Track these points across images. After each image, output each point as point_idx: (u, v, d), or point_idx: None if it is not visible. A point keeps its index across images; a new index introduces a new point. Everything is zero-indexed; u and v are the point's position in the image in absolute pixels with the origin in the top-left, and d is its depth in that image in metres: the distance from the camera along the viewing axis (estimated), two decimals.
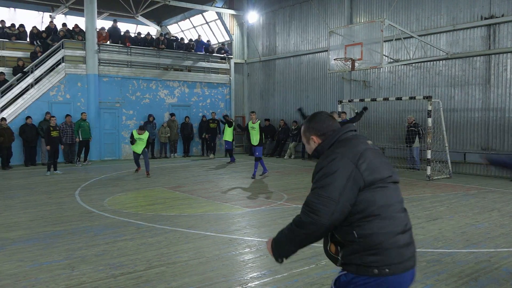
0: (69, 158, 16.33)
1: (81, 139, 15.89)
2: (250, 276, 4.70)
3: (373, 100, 14.01)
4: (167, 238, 6.17)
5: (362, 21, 16.05)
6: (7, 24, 17.76)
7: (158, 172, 13.71)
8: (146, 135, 12.97)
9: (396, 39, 13.52)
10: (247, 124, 12.83)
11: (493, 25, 12.84)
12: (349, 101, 14.89)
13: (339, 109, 14.56)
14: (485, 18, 12.95)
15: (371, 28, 13.19)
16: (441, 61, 14.00)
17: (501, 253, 5.43)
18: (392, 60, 13.91)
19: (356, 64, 13.20)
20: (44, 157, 15.87)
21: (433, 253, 5.43)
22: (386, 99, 13.54)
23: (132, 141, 12.94)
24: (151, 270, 4.86)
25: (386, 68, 15.06)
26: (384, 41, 12.60)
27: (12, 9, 21.67)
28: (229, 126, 16.65)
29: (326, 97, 18.02)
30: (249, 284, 4.46)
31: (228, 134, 16.64)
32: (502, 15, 12.60)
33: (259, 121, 12.68)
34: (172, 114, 18.90)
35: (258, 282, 4.52)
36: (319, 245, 5.58)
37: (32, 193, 10.02)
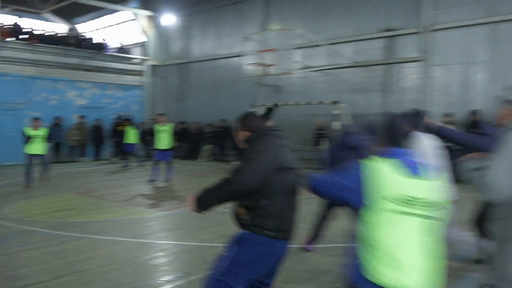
0: None
1: None
2: (164, 279, 4.62)
3: (285, 104, 14.46)
4: (76, 245, 5.85)
5: (275, 28, 16.51)
6: None
7: (66, 177, 12.94)
8: (43, 130, 10.78)
9: (306, 47, 14.09)
10: (154, 127, 11.97)
11: (391, 37, 13.91)
12: (262, 105, 15.22)
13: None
14: (385, 31, 13.99)
15: (284, 35, 13.64)
16: (346, 69, 14.85)
17: None
18: (303, 67, 14.48)
19: (269, 70, 13.54)
20: None
21: (340, 247, 5.73)
22: (297, 103, 14.05)
23: (27, 140, 10.53)
24: (57, 280, 4.57)
25: (297, 73, 15.62)
26: (296, 48, 13.08)
27: None
28: (134, 128, 15.67)
29: (240, 101, 18.22)
30: (163, 287, 4.39)
31: (132, 137, 15.68)
32: (399, 28, 13.70)
33: (171, 124, 12.04)
34: (81, 116, 17.96)
35: (171, 285, 4.46)
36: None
37: None
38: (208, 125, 18.51)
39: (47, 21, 22.68)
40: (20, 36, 17.68)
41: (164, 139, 11.55)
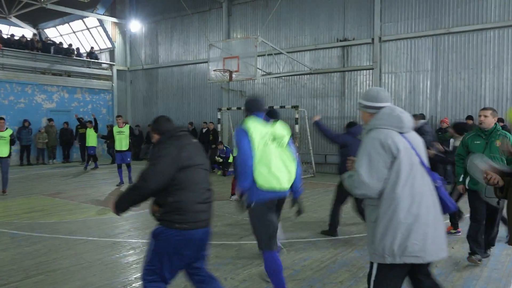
0: None
1: None
2: (134, 277, 4.54)
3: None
4: (46, 245, 5.66)
5: (239, 36, 16.57)
6: None
7: (35, 179, 12.48)
8: (8, 131, 9.73)
9: (268, 54, 14.21)
10: (112, 129, 11.58)
11: (346, 46, 14.26)
12: (228, 109, 15.23)
13: (219, 116, 14.82)
14: (340, 41, 14.32)
15: (247, 43, 13.68)
16: (305, 76, 15.09)
17: (354, 239, 6.05)
18: (264, 73, 14.60)
19: (234, 75, 13.56)
20: None
21: (300, 242, 5.83)
22: None
23: None
24: (28, 280, 4.42)
25: (260, 80, 15.74)
26: (258, 56, 13.16)
27: None
28: (95, 131, 14.91)
29: (206, 105, 18.18)
30: (134, 285, 4.32)
31: (92, 139, 14.92)
32: (353, 39, 14.06)
33: (128, 125, 11.63)
34: (50, 120, 17.36)
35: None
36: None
37: None
38: None
39: (14, 25, 21.75)
40: None
41: (122, 141, 11.17)
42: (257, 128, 3.68)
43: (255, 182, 3.61)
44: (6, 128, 9.83)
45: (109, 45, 21.12)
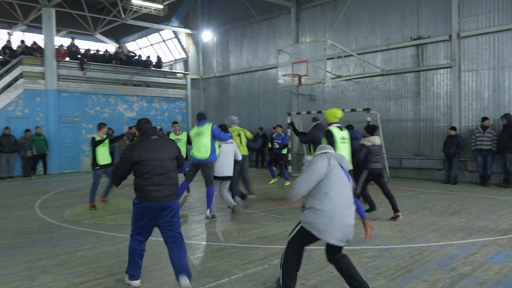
0: (27, 172, 15.59)
1: (35, 153, 15.21)
2: (207, 278, 4.68)
3: (319, 112, 14.36)
4: (127, 246, 6.00)
5: (307, 40, 16.50)
6: None
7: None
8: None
9: (337, 57, 13.98)
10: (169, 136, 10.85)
11: (421, 45, 13.59)
12: (297, 114, 15.20)
13: (288, 121, 14.83)
14: (414, 39, 13.69)
15: (315, 47, 13.56)
16: (377, 77, 14.61)
17: (432, 247, 5.72)
18: (334, 76, 14.36)
19: (303, 80, 13.51)
20: (2, 171, 15.08)
21: (373, 250, 5.63)
22: None
23: (95, 146, 8.97)
24: (112, 277, 4.73)
25: (329, 83, 15.52)
26: (327, 59, 12.99)
27: None
28: None
29: (276, 110, 18.30)
30: (206, 286, 4.44)
31: None
32: (428, 37, 13.37)
33: (185, 133, 10.81)
34: (130, 127, 18.50)
35: (214, 283, 4.51)
36: (272, 246, 5.63)
37: None
38: None
39: (99, 41, 23.62)
40: (75, 56, 18.48)
41: (181, 148, 11.20)
42: (193, 129, 7.89)
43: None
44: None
45: (183, 55, 22.11)
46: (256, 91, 19.23)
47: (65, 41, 19.59)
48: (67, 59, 17.97)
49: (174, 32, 21.55)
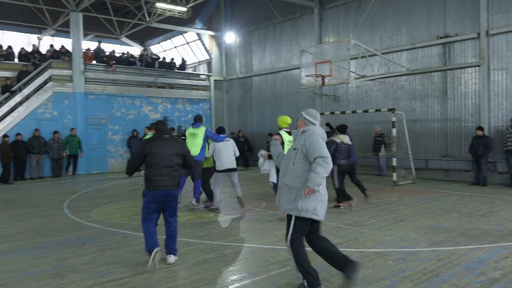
0: (56, 173, 16.02)
1: (68, 154, 15.64)
2: (231, 279, 4.70)
3: (343, 112, 14.24)
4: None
5: (331, 40, 16.37)
6: None
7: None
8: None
9: (361, 57, 13.82)
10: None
11: (448, 43, 13.28)
12: (321, 114, 15.09)
13: None
14: (441, 37, 13.39)
15: (339, 47, 13.45)
16: (402, 77, 14.36)
17: (460, 251, 5.58)
18: (358, 76, 14.20)
19: (326, 80, 13.41)
20: (33, 171, 15.55)
21: (399, 252, 5.54)
22: (354, 111, 13.80)
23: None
24: (138, 276, 4.80)
25: (353, 83, 15.35)
26: (351, 59, 12.85)
27: (0, 31, 21.30)
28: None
29: (299, 111, 18.12)
30: (230, 287, 4.46)
31: None
32: (456, 35, 13.05)
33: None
34: (180, 126, 18.73)
35: (238, 284, 4.53)
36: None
37: (21, 206, 9.78)
38: (268, 134, 18.56)
39: (124, 44, 24.08)
40: (102, 59, 18.89)
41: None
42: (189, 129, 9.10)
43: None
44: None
45: (207, 57, 22.29)
46: (279, 92, 19.20)
47: (92, 45, 20.05)
48: (94, 62, 18.38)
49: (198, 34, 21.75)
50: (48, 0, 19.43)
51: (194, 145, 8.66)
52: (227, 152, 8.56)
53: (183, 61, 21.83)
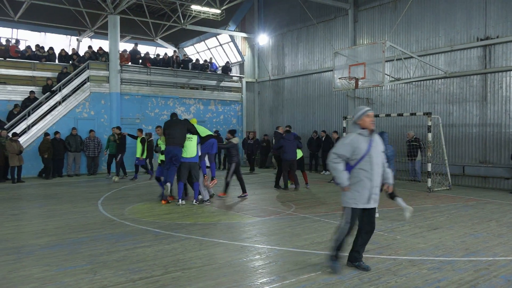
0: (92, 170, 16.47)
1: (109, 153, 15.90)
2: (260, 281, 4.67)
3: (376, 116, 13.97)
4: (183, 245, 6.18)
5: (365, 42, 16.12)
6: (37, 47, 18.12)
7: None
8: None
9: (397, 59, 13.54)
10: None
11: (488, 46, 12.81)
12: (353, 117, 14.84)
13: (344, 125, 14.52)
14: (481, 39, 12.93)
15: (373, 49, 13.23)
16: (439, 80, 13.96)
17: (499, 262, 5.34)
18: (393, 79, 13.91)
19: (360, 83, 13.21)
20: (70, 169, 16.08)
21: (434, 261, 5.36)
22: (388, 115, 13.51)
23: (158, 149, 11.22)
24: (168, 275, 4.86)
25: (388, 86, 15.05)
26: (386, 61, 12.63)
27: (43, 33, 22.17)
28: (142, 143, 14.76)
29: (331, 114, 18.03)
30: None
31: (138, 151, 14.60)
32: (497, 37, 12.57)
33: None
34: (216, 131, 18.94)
35: (267, 287, 4.49)
36: (327, 252, 5.51)
37: (59, 202, 10.12)
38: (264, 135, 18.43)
39: (159, 46, 24.56)
40: (137, 60, 19.34)
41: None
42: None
43: None
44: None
45: (239, 59, 22.41)
46: (311, 95, 19.06)
47: (128, 46, 20.55)
48: (129, 63, 18.82)
49: (231, 36, 21.90)
50: (87, 3, 20.07)
51: (190, 148, 9.68)
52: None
53: (227, 63, 21.97)
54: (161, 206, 9.57)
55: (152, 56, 20.53)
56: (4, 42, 17.43)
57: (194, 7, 18.44)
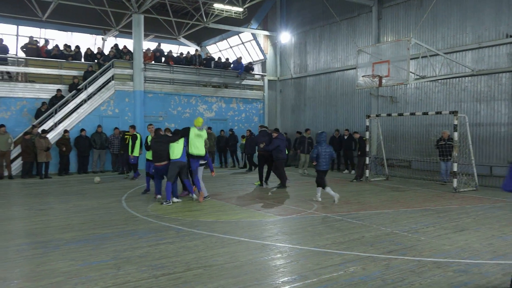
0: (116, 167, 16.75)
1: (122, 152, 16.04)
2: (282, 280, 4.66)
3: (400, 114, 13.75)
4: (205, 242, 6.21)
5: (389, 40, 15.85)
6: (63, 46, 18.52)
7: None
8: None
9: (422, 57, 13.27)
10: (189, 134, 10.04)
11: None
12: (377, 116, 14.66)
13: (367, 123, 14.32)
14: (510, 36, 12.53)
15: (398, 46, 13.00)
16: (466, 78, 13.61)
17: None
18: (418, 77, 13.64)
19: (383, 81, 13.01)
20: (95, 165, 16.40)
21: (460, 263, 5.23)
22: (412, 113, 13.26)
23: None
24: (190, 272, 4.89)
25: (413, 84, 14.77)
26: (411, 59, 12.37)
27: (69, 32, 22.65)
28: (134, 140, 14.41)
29: (354, 112, 17.82)
30: None
31: (136, 150, 14.26)
32: None
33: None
34: (209, 128, 19.09)
35: (288, 286, 4.48)
36: (349, 252, 5.47)
37: (84, 198, 10.34)
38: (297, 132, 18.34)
39: (182, 44, 24.76)
40: (160, 59, 19.56)
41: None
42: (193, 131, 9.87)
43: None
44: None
45: (261, 57, 22.38)
46: (334, 93, 18.89)
47: (151, 45, 20.80)
48: (153, 62, 19.05)
49: (253, 34, 21.90)
50: (112, 3, 20.39)
51: (201, 145, 10.01)
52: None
53: (249, 63, 21.99)
54: (184, 203, 9.65)
55: (175, 55, 20.70)
56: (39, 42, 17.87)
57: (217, 5, 18.52)
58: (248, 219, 8.00)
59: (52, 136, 15.59)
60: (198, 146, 9.79)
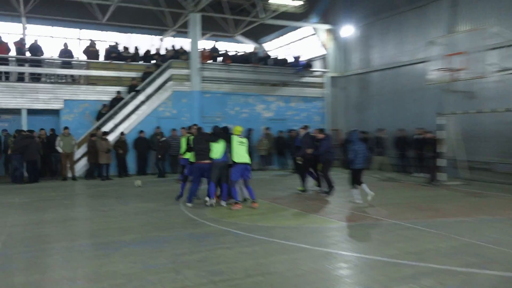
0: (175, 169, 17.24)
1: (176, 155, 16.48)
2: None
3: (478, 111, 12.94)
4: (264, 248, 6.21)
5: (464, 29, 14.98)
6: (123, 47, 19.43)
7: (257, 184, 13.94)
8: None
9: (506, 46, 12.38)
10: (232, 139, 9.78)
11: None
12: (451, 114, 13.90)
13: (442, 121, 13.63)
14: None
15: (475, 35, 12.30)
16: None
17: None
18: (500, 69, 12.76)
19: (459, 75, 12.32)
20: (154, 167, 17.00)
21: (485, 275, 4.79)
22: (494, 110, 12.42)
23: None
24: (249, 279, 4.90)
25: (493, 77, 13.83)
26: (491, 49, 11.61)
27: (128, 34, 23.77)
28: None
29: (425, 109, 17.02)
30: None
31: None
32: None
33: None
34: (267, 128, 19.11)
35: None
36: (422, 264, 5.23)
37: (144, 200, 10.75)
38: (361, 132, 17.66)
39: (239, 42, 25.09)
40: (217, 58, 19.94)
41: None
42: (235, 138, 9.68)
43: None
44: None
45: (322, 53, 22.07)
46: (401, 89, 18.17)
47: (208, 44, 21.25)
48: (210, 61, 19.46)
49: (313, 29, 21.66)
50: (169, 3, 21.11)
51: (245, 153, 9.86)
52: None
53: (310, 59, 21.86)
54: (243, 207, 9.67)
55: (231, 53, 21.00)
56: (109, 46, 18.96)
57: (274, 0, 18.51)
58: (310, 224, 7.89)
59: (112, 138, 16.41)
60: (242, 154, 9.72)
